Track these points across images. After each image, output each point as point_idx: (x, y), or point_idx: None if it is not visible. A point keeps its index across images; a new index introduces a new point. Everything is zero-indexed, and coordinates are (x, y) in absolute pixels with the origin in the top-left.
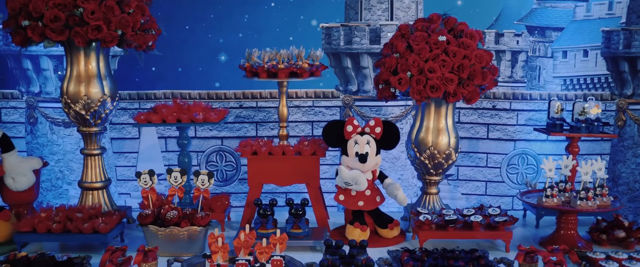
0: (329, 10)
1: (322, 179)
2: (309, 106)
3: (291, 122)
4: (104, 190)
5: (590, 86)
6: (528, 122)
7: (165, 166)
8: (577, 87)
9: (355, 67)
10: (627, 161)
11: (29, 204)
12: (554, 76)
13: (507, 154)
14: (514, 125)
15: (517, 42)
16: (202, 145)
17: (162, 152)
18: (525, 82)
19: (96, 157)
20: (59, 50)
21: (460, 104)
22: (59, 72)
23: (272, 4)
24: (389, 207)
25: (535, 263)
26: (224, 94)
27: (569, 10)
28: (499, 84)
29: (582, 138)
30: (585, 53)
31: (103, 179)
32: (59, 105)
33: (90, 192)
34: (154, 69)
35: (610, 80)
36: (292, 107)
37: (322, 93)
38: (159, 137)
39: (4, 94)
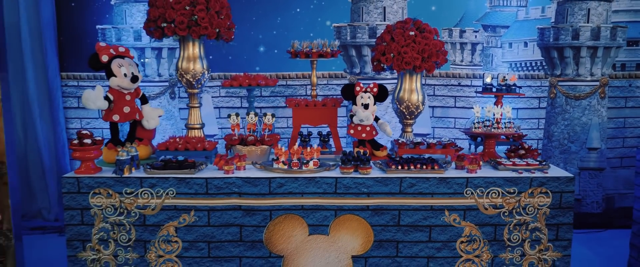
0: (339, 14)
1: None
2: (325, 84)
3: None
4: (201, 129)
5: (529, 68)
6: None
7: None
8: (519, 69)
9: (358, 55)
10: (558, 123)
11: (152, 138)
12: (502, 61)
13: (469, 118)
14: (474, 96)
15: (475, 36)
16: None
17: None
18: (482, 66)
19: (196, 108)
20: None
21: (433, 81)
22: (145, 59)
23: (298, 10)
24: (380, 140)
25: (462, 162)
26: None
27: (513, 12)
28: (462, 66)
29: (506, 97)
30: (526, 44)
31: (200, 123)
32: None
33: (193, 130)
34: (211, 57)
35: (544, 64)
36: (307, 84)
37: (335, 74)
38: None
39: (101, 76)
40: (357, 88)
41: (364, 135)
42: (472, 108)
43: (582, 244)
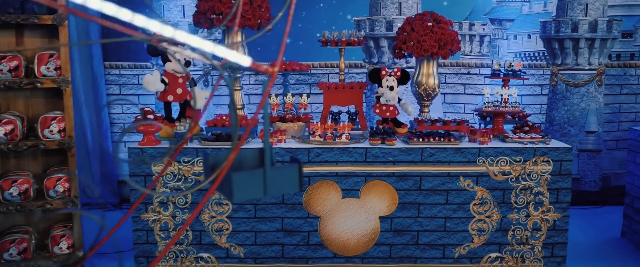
0: (358, 9)
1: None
2: (346, 72)
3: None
4: (242, 109)
5: (533, 58)
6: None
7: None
8: (523, 59)
9: (376, 46)
10: (559, 109)
11: (199, 117)
12: (508, 52)
13: (477, 104)
14: (482, 84)
15: (483, 29)
16: None
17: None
18: (489, 56)
19: (238, 91)
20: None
21: (445, 70)
22: None
23: (321, 5)
24: (401, 118)
25: (475, 135)
26: None
27: (517, 7)
28: (470, 56)
29: (512, 82)
30: (529, 36)
31: (241, 103)
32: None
33: (236, 110)
34: None
35: (546, 54)
36: (337, 72)
37: (354, 64)
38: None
39: (141, 65)
40: (383, 72)
41: (388, 114)
42: (481, 95)
43: (580, 219)
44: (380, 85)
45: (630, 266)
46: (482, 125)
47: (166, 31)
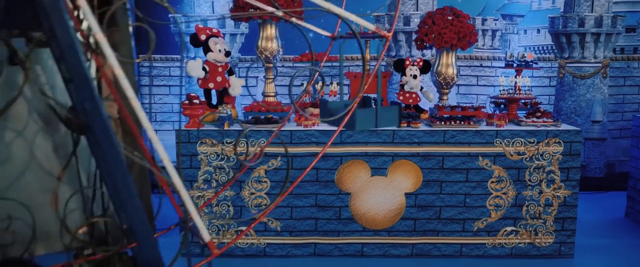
0: (378, 5)
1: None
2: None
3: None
4: (275, 96)
5: (541, 52)
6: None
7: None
8: (533, 52)
9: (394, 40)
10: (566, 99)
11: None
12: (518, 45)
13: (489, 95)
14: (493, 76)
15: (495, 24)
16: None
17: None
18: (500, 49)
19: (271, 79)
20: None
21: (459, 63)
22: None
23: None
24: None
25: (492, 119)
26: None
27: (527, 3)
28: (483, 50)
29: (524, 72)
30: (538, 31)
31: (274, 91)
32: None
33: (268, 97)
34: None
35: (554, 48)
36: (357, 64)
37: (374, 57)
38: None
39: (171, 58)
40: (407, 62)
41: (410, 100)
42: (492, 86)
43: (587, 202)
44: (404, 74)
45: (634, 242)
46: (497, 112)
47: (322, 4)
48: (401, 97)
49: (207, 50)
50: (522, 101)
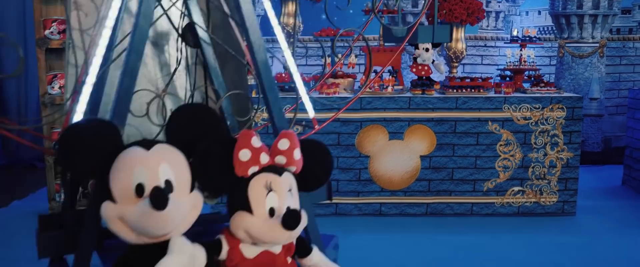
0: None
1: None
2: (377, 40)
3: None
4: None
5: (542, 32)
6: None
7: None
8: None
9: (403, 21)
10: (565, 78)
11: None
12: (520, 26)
13: (492, 73)
14: (497, 55)
15: (499, 5)
16: None
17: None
18: (503, 30)
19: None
20: None
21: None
22: None
23: None
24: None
25: (501, 87)
26: None
27: None
28: (487, 30)
29: (528, 46)
30: (539, 12)
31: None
32: None
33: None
34: None
35: (554, 28)
36: (371, 40)
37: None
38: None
39: None
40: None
41: (423, 73)
42: (496, 65)
43: (585, 173)
44: (416, 48)
45: (631, 203)
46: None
47: None
48: (414, 70)
49: None
50: (527, 73)
